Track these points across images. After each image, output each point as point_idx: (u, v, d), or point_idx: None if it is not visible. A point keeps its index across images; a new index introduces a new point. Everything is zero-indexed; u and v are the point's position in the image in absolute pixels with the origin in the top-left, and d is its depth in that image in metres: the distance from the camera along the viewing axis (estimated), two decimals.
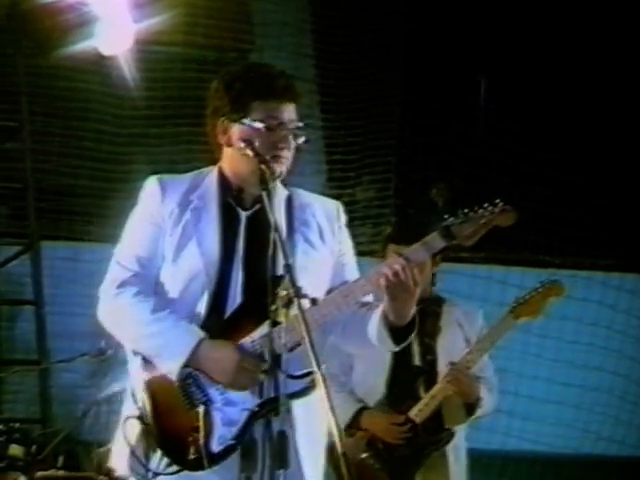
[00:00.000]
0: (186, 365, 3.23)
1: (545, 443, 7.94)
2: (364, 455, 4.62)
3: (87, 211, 7.78)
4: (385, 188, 8.49)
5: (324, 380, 2.86)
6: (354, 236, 3.61)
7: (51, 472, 5.35)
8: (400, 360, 4.69)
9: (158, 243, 3.35)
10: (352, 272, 3.45)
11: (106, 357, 5.16)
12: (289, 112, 3.35)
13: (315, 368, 2.88)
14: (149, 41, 7.42)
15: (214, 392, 3.23)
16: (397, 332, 3.30)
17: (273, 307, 3.03)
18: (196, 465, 3.16)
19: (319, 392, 2.89)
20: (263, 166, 3.24)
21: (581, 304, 7.96)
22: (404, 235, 4.29)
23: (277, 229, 3.08)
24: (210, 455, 3.16)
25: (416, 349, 4.74)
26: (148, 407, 3.24)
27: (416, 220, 4.94)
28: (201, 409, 3.20)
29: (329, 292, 3.34)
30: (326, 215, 3.45)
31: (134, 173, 7.73)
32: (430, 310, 4.77)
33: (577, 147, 8.37)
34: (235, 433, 3.19)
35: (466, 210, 3.20)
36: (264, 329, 3.17)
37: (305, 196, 3.48)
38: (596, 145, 8.35)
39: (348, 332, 3.39)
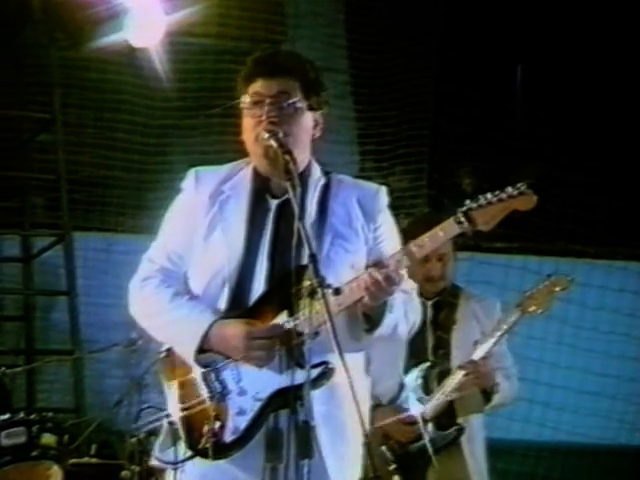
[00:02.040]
0: (203, 350, 3.24)
1: (580, 434, 7.90)
2: (379, 452, 4.61)
3: (120, 202, 7.83)
4: (418, 178, 8.47)
5: (347, 369, 2.85)
6: None
7: (84, 461, 5.41)
8: (413, 355, 4.68)
9: (190, 235, 3.34)
10: None
11: (137, 347, 5.20)
12: (272, 87, 3.29)
13: (338, 357, 2.86)
14: (182, 33, 7.45)
15: (231, 381, 3.23)
16: (370, 322, 3.24)
17: (295, 297, 3.02)
18: (207, 454, 3.16)
19: (343, 383, 2.88)
20: (287, 156, 3.22)
21: (617, 294, 7.92)
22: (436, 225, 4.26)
23: (301, 219, 3.07)
24: (222, 445, 3.16)
25: (430, 342, 4.73)
26: (174, 397, 3.27)
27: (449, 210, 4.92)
28: (215, 399, 3.20)
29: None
30: (364, 202, 3.37)
31: (166, 164, 7.78)
32: (446, 302, 4.74)
33: (615, 135, 8.30)
34: (247, 424, 3.18)
35: (484, 194, 3.10)
36: (282, 318, 3.17)
37: (344, 183, 3.41)
38: (630, 132, 8.28)
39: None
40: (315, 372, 3.11)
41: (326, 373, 3.13)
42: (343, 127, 8.19)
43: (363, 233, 3.35)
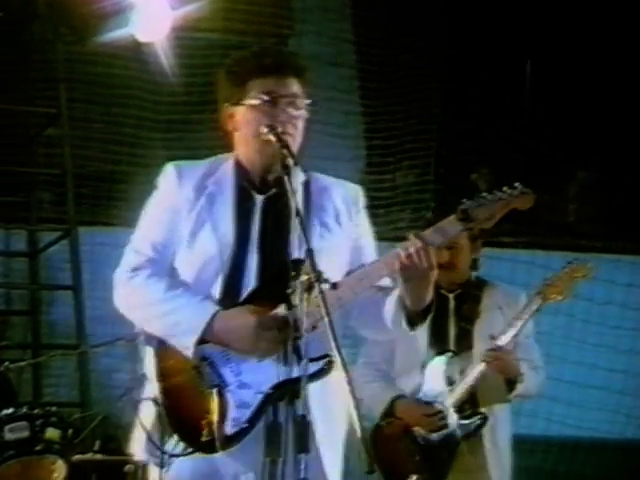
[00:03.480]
0: (203, 341, 3.23)
1: (588, 428, 7.90)
2: (403, 443, 4.63)
3: (126, 197, 7.82)
4: (425, 173, 8.45)
5: (344, 364, 2.85)
6: (394, 221, 3.59)
7: (88, 456, 5.41)
8: (435, 346, 4.69)
9: (174, 228, 3.35)
10: (370, 255, 3.43)
11: (140, 341, 5.19)
12: (286, 86, 3.33)
13: (335, 352, 2.87)
14: (189, 28, 7.44)
15: (229, 374, 3.23)
16: (413, 316, 3.27)
17: (290, 290, 3.02)
18: (209, 447, 3.16)
19: (338, 376, 2.89)
20: (285, 151, 3.23)
21: (625, 289, 7.91)
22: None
23: (299, 213, 3.08)
24: (223, 437, 3.16)
25: (452, 334, 4.73)
26: (162, 391, 3.25)
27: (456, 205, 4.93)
28: (215, 391, 3.20)
29: (347, 275, 3.32)
30: (344, 198, 3.43)
31: (173, 159, 7.76)
32: (470, 294, 4.77)
33: (623, 130, 8.27)
34: (249, 416, 3.18)
35: (484, 193, 3.19)
36: (281, 311, 3.17)
37: (323, 180, 3.47)
38: None
39: (364, 316, 3.38)
40: (317, 365, 3.14)
41: (328, 366, 3.15)
42: (350, 122, 8.18)
43: (346, 230, 3.41)
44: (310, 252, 2.99)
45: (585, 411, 7.90)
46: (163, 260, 3.36)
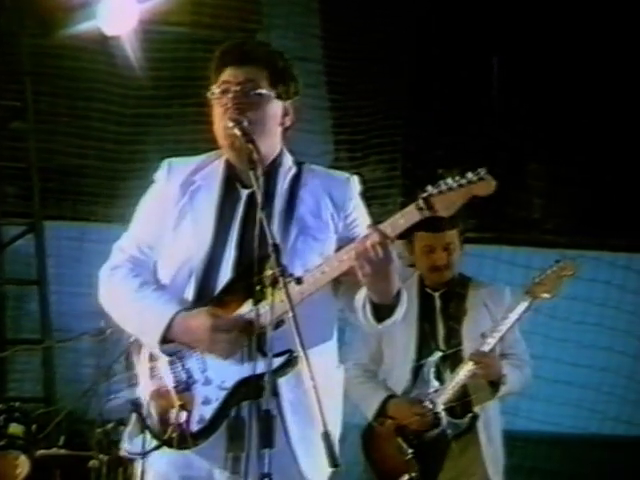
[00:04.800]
0: (168, 340, 3.24)
1: (553, 423, 7.94)
2: (395, 442, 4.64)
3: (93, 191, 7.79)
4: (393, 168, 8.46)
5: (306, 359, 2.86)
6: None
7: (52, 451, 5.39)
8: (424, 345, 4.70)
9: (161, 226, 3.36)
10: None
11: (105, 337, 5.18)
12: (240, 76, 3.31)
13: (298, 347, 2.87)
14: (156, 21, 7.41)
15: (196, 371, 3.24)
16: (380, 310, 3.25)
17: (258, 287, 3.02)
18: (172, 444, 3.17)
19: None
20: (251, 145, 3.23)
21: (589, 284, 7.92)
22: None
23: (263, 209, 3.08)
24: (187, 434, 3.16)
25: (441, 333, 4.74)
26: (141, 388, 3.29)
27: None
28: (182, 388, 3.21)
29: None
30: (334, 190, 3.40)
31: (140, 153, 7.74)
32: (455, 292, 4.79)
33: (589, 126, 8.31)
34: (213, 413, 3.19)
35: (444, 180, 3.11)
36: (247, 307, 3.18)
37: (315, 172, 3.44)
38: (607, 124, 8.29)
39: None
40: (279, 361, 3.13)
41: (290, 361, 3.15)
42: (317, 117, 8.17)
43: (332, 222, 3.37)
44: (275, 247, 3.00)
45: (550, 406, 7.93)
46: (146, 259, 3.38)
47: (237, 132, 3.26)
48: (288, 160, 3.42)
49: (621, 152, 8.25)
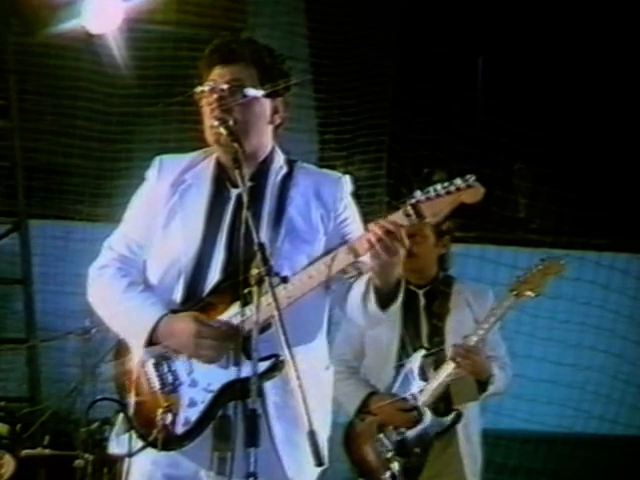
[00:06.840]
0: (153, 342, 3.23)
1: (537, 422, 7.94)
2: (376, 440, 4.63)
3: (78, 190, 7.77)
4: (378, 167, 8.46)
5: (292, 360, 2.86)
6: None
7: (37, 451, 5.37)
8: (408, 343, 4.70)
9: (151, 225, 3.35)
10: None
11: (90, 336, 5.17)
12: (227, 75, 3.30)
13: (284, 349, 2.87)
14: (142, 20, 7.40)
15: (182, 373, 3.23)
16: (383, 296, 3.22)
17: (245, 290, 3.02)
18: (156, 445, 3.17)
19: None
20: (236, 144, 3.22)
21: (574, 283, 7.93)
22: None
23: (249, 208, 3.08)
24: (173, 437, 3.17)
25: (424, 331, 4.74)
26: (118, 389, 3.29)
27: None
28: (168, 390, 3.21)
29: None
30: (324, 190, 3.38)
31: (125, 152, 7.73)
32: (439, 291, 4.78)
33: (573, 127, 8.34)
34: (199, 415, 3.18)
35: (433, 186, 3.11)
36: (235, 309, 3.18)
37: (306, 172, 3.42)
38: (592, 124, 8.32)
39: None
40: (265, 365, 3.12)
41: (276, 365, 3.14)
42: (303, 116, 8.17)
43: (322, 223, 3.36)
44: (261, 246, 2.99)
45: (534, 405, 7.95)
46: (135, 258, 3.36)
47: (222, 131, 3.25)
48: (280, 158, 3.41)
49: (606, 152, 8.28)
